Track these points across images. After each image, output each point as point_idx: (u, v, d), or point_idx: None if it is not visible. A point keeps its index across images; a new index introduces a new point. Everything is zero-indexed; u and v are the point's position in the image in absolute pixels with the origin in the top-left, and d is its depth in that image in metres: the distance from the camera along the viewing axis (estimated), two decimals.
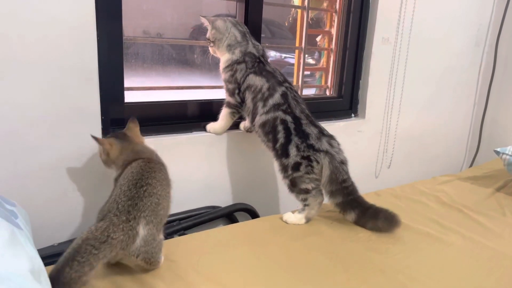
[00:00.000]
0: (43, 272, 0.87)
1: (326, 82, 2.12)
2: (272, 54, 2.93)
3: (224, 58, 1.55)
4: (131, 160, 1.18)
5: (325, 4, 2.07)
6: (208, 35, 1.55)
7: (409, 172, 2.37)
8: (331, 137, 1.50)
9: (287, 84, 1.52)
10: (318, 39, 2.14)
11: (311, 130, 1.46)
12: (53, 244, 1.31)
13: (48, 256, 1.22)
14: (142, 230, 1.06)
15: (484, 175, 2.10)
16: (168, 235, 1.46)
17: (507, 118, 2.54)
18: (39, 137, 1.28)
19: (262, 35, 1.77)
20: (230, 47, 1.53)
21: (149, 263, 1.10)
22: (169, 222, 1.53)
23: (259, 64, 1.53)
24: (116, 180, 1.19)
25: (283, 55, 3.02)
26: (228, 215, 1.67)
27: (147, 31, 1.91)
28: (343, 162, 1.47)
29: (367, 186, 1.98)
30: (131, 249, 1.05)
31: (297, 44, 2.01)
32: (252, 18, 1.70)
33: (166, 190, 1.17)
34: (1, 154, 1.23)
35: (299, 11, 1.97)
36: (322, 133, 1.49)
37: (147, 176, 1.11)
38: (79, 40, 1.28)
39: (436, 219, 1.58)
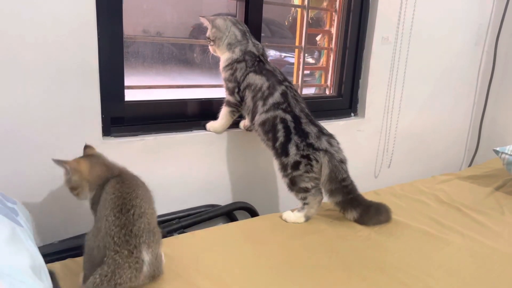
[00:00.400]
0: (44, 269, 0.88)
1: (326, 81, 2.13)
2: (271, 53, 2.93)
3: (224, 57, 1.55)
4: (105, 176, 1.09)
5: (325, 4, 2.07)
6: (208, 34, 1.55)
7: (409, 171, 2.37)
8: (330, 136, 1.50)
9: (287, 83, 1.52)
10: (318, 38, 2.14)
11: (311, 129, 1.47)
12: (53, 242, 1.32)
13: (49, 254, 1.22)
14: (146, 256, 1.01)
15: (483, 174, 2.11)
16: (168, 233, 1.47)
17: (506, 118, 2.55)
18: (40, 136, 1.28)
19: (262, 34, 1.77)
20: (230, 46, 1.53)
21: (156, 277, 1.07)
22: (169, 220, 1.54)
23: (259, 63, 1.53)
24: (93, 205, 1.10)
25: (283, 54, 3.02)
26: (228, 214, 1.67)
27: (147, 30, 1.91)
28: (343, 161, 1.48)
29: (366, 185, 1.99)
30: (140, 279, 1.01)
31: (297, 44, 2.01)
32: (252, 17, 1.71)
33: (151, 205, 1.10)
34: (3, 152, 1.23)
35: (299, 10, 1.97)
36: (322, 132, 1.49)
37: (129, 198, 1.03)
38: (79, 39, 1.29)
39: (435, 218, 1.58)
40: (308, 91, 2.17)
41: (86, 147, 1.21)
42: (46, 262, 0.99)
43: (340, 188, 1.46)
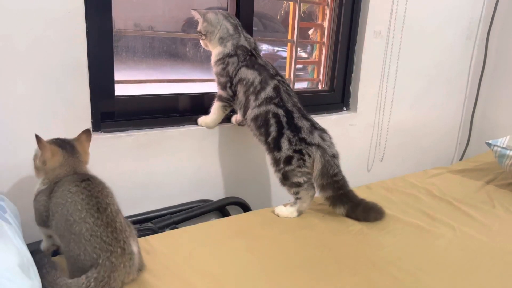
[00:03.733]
0: (32, 266, 0.87)
1: (318, 75, 2.12)
2: (264, 48, 2.91)
3: (215, 51, 1.54)
4: (64, 175, 1.06)
5: None
6: (199, 28, 1.53)
7: (401, 165, 2.38)
8: (323, 130, 1.50)
9: (279, 78, 1.52)
10: (310, 32, 2.13)
11: (303, 124, 1.46)
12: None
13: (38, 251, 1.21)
14: (134, 248, 1.01)
15: (475, 168, 2.12)
16: (160, 229, 1.46)
17: (497, 111, 2.56)
18: (27, 130, 1.26)
19: (254, 28, 1.76)
20: (222, 40, 1.52)
21: (141, 270, 1.07)
22: (160, 216, 1.53)
23: (251, 57, 1.52)
24: (39, 194, 1.05)
25: (276, 48, 3.01)
26: (220, 209, 1.67)
27: (138, 24, 1.88)
28: (335, 156, 1.47)
29: (359, 179, 2.00)
30: (134, 272, 1.00)
31: (289, 38, 2.00)
32: (243, 11, 1.69)
33: (115, 199, 1.06)
34: None
35: (291, 4, 1.96)
36: (314, 126, 1.49)
37: (101, 196, 1.00)
38: (67, 32, 1.26)
39: (427, 212, 1.59)
40: (301, 85, 2.17)
41: (84, 133, 1.15)
42: None
43: (331, 183, 1.46)
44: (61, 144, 1.09)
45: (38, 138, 1.03)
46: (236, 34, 1.52)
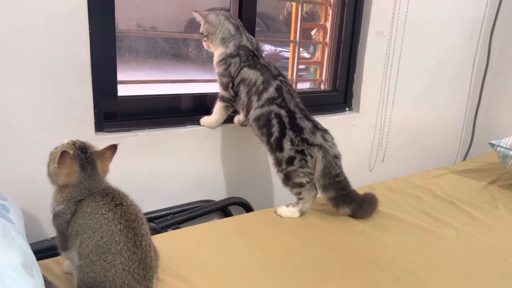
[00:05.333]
0: (35, 266, 0.87)
1: (320, 76, 2.12)
2: (267, 48, 2.92)
3: (218, 51, 1.54)
4: (87, 191, 1.01)
5: None
6: (201, 29, 1.54)
7: (403, 165, 2.38)
8: (325, 131, 1.50)
9: (281, 78, 1.52)
10: (313, 32, 2.13)
11: (306, 124, 1.46)
12: (46, 238, 1.31)
13: (41, 250, 1.22)
14: (155, 281, 1.02)
15: (478, 168, 2.12)
16: (162, 229, 1.46)
17: (500, 111, 2.56)
18: (31, 131, 1.27)
19: (257, 29, 1.76)
20: (224, 41, 1.52)
21: None
22: (163, 216, 1.54)
23: (253, 58, 1.52)
24: (60, 216, 0.99)
25: (278, 48, 3.01)
26: (222, 209, 1.67)
27: (141, 24, 1.89)
28: (337, 157, 1.47)
29: (361, 179, 1.99)
30: None
31: (291, 38, 2.00)
32: (246, 12, 1.69)
33: (145, 219, 1.03)
34: None
35: (294, 4, 1.96)
36: (317, 127, 1.49)
37: (137, 227, 0.98)
38: (71, 33, 1.27)
39: (429, 212, 1.59)
40: (303, 85, 2.17)
41: (110, 148, 1.07)
42: (39, 258, 0.98)
43: (333, 184, 1.46)
44: (82, 164, 1.00)
45: (63, 153, 0.96)
46: (238, 34, 1.53)
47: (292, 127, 1.45)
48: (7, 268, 0.74)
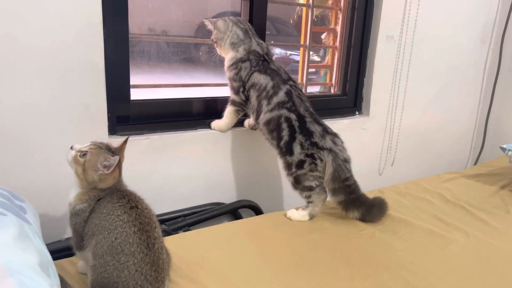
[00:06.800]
0: (51, 265, 0.89)
1: (330, 79, 2.13)
2: (277, 52, 2.94)
3: (228, 56, 1.56)
4: (101, 196, 1.03)
5: (330, 2, 2.07)
6: (212, 36, 1.56)
7: (413, 170, 2.37)
8: (335, 135, 1.51)
9: (291, 82, 1.53)
10: (323, 36, 2.14)
11: (315, 128, 1.48)
12: (61, 239, 1.34)
13: (56, 250, 1.24)
14: (167, 283, 1.03)
15: (489, 173, 2.10)
16: (173, 231, 1.48)
17: (511, 116, 2.53)
18: (47, 134, 1.30)
19: (268, 32, 1.77)
20: (233, 45, 1.54)
21: None
22: (174, 218, 1.56)
23: (263, 62, 1.54)
24: (79, 215, 1.02)
25: (289, 52, 3.03)
26: (233, 212, 1.68)
27: (153, 29, 1.92)
28: (346, 160, 1.48)
29: (370, 183, 1.99)
30: None
31: (301, 42, 2.01)
32: (256, 16, 1.71)
33: (158, 223, 1.05)
34: (11, 150, 1.25)
35: (304, 8, 1.98)
36: (326, 131, 1.50)
37: (151, 230, 1.00)
38: (86, 39, 1.30)
39: (440, 216, 1.58)
40: (313, 89, 2.18)
41: (126, 142, 1.12)
42: (54, 258, 1.00)
43: (343, 188, 1.47)
44: (119, 164, 1.05)
45: (120, 161, 1.02)
46: (247, 39, 1.54)
47: (302, 131, 1.46)
48: (25, 268, 0.76)
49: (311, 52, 1.99)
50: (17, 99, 1.23)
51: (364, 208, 1.49)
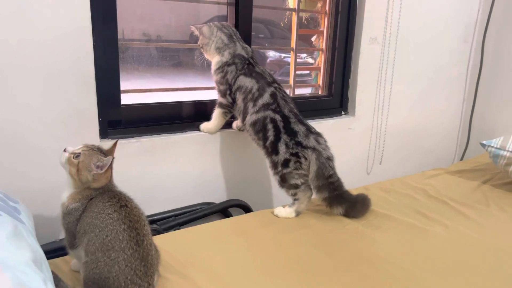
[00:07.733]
0: (45, 262, 0.94)
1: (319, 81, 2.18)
2: (271, 54, 3.00)
3: (214, 60, 1.61)
4: (93, 195, 1.08)
5: (319, 5, 2.12)
6: (198, 42, 1.62)
7: (401, 168, 2.42)
8: (318, 134, 1.56)
9: (276, 85, 1.58)
10: (313, 39, 2.19)
11: (299, 128, 1.53)
12: (55, 240, 1.38)
13: (50, 251, 1.28)
14: (156, 278, 1.07)
15: (472, 169, 2.16)
16: (165, 230, 1.52)
17: (495, 112, 2.59)
18: (39, 139, 1.34)
19: (261, 35, 1.81)
20: (219, 50, 1.59)
21: None
22: (165, 218, 1.60)
23: (248, 66, 1.59)
24: (72, 214, 1.06)
25: (283, 55, 3.08)
26: (223, 211, 1.73)
27: (146, 33, 1.96)
28: (330, 158, 1.53)
29: (358, 182, 2.04)
30: None
31: (291, 45, 2.07)
32: (242, 21, 1.76)
33: (147, 222, 1.09)
34: (4, 154, 1.30)
35: (293, 12, 2.03)
36: (310, 130, 1.55)
37: (140, 227, 1.04)
38: (76, 45, 1.34)
39: (422, 211, 1.63)
40: (304, 91, 2.22)
41: (115, 145, 1.17)
42: (48, 258, 1.04)
43: (327, 185, 1.52)
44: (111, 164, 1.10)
45: (112, 161, 1.08)
46: (231, 43, 1.60)
47: (286, 131, 1.52)
48: (19, 263, 0.81)
49: (305, 55, 2.03)
50: (9, 105, 1.27)
51: (348, 204, 1.54)
